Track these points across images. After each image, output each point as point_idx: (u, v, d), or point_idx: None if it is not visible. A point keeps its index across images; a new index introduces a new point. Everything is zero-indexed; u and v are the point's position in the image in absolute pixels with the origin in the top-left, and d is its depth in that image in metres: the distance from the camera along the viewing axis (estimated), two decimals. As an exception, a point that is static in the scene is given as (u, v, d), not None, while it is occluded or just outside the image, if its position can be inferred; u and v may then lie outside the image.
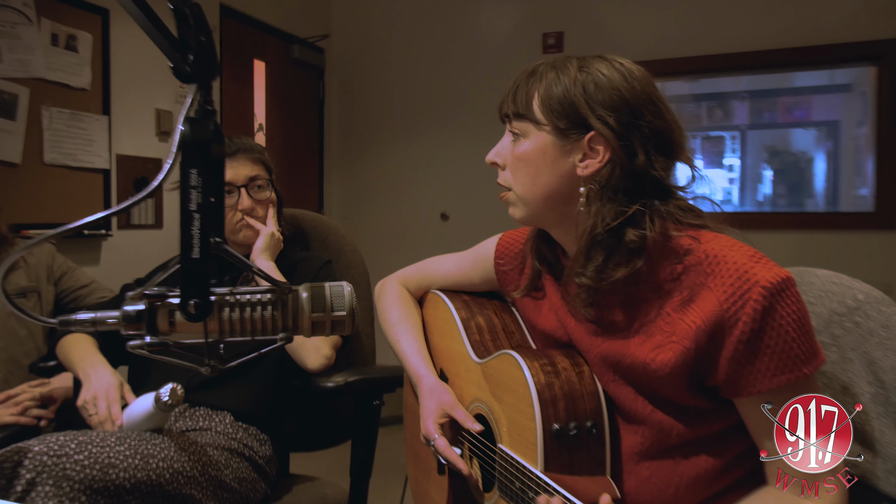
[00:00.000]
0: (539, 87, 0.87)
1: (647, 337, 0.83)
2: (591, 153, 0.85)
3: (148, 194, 0.54)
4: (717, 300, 0.77)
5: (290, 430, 1.40)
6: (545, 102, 0.86)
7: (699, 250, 0.81)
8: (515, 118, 0.90)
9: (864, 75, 3.45)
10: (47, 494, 0.94)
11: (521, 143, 0.89)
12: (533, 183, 0.89)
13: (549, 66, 0.89)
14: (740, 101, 4.01)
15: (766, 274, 0.75)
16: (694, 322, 0.78)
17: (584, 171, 0.86)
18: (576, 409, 0.84)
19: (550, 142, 0.87)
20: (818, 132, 3.98)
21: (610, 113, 0.83)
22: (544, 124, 0.87)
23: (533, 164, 0.88)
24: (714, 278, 0.78)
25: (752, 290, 0.75)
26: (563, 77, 0.86)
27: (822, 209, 3.87)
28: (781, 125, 4.06)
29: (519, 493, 0.84)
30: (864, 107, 3.49)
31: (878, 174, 3.30)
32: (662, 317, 0.82)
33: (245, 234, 1.45)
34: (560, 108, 0.85)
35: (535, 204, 0.90)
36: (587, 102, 0.84)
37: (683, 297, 0.80)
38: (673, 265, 0.82)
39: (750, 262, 0.77)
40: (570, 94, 0.85)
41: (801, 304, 0.77)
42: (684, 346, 0.79)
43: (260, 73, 3.81)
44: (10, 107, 2.44)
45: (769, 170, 4.11)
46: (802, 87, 3.86)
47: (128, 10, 0.54)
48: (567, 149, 0.86)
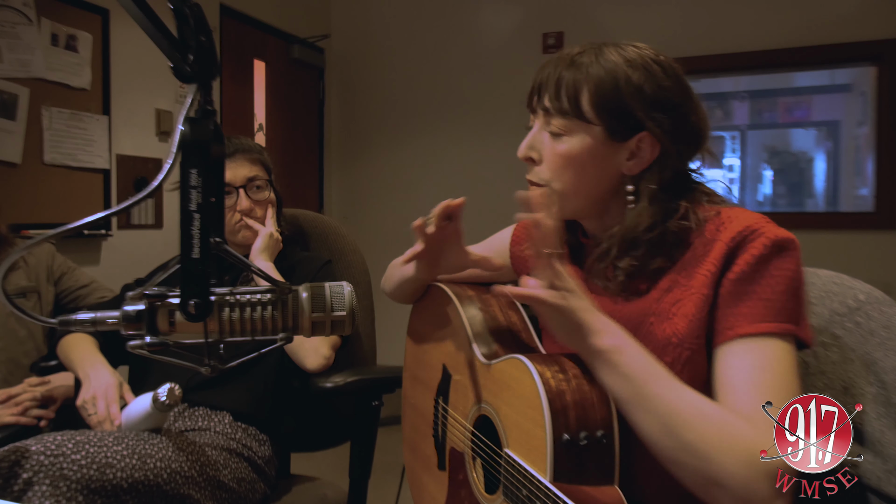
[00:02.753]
0: (586, 82, 0.84)
1: (667, 293, 0.84)
2: (637, 152, 0.85)
3: (148, 194, 0.54)
4: (726, 245, 0.79)
5: (289, 430, 1.40)
6: (596, 101, 0.84)
7: (716, 219, 0.83)
8: (560, 114, 0.86)
9: (864, 75, 3.45)
10: (44, 494, 0.94)
11: (564, 140, 0.86)
12: (577, 181, 0.87)
13: (590, 57, 0.85)
14: (740, 101, 4.01)
15: (774, 230, 0.79)
16: (709, 270, 0.80)
17: (632, 170, 0.86)
18: (586, 419, 0.83)
19: (600, 141, 0.85)
20: (818, 132, 3.98)
21: (661, 113, 0.84)
22: (595, 124, 0.84)
23: (579, 163, 0.86)
24: (726, 232, 0.80)
25: (756, 239, 0.78)
26: (609, 70, 0.84)
27: (822, 209, 3.87)
28: (781, 125, 4.06)
29: (526, 501, 0.83)
30: (864, 107, 3.49)
31: (878, 174, 3.30)
32: (681, 273, 0.83)
33: (244, 235, 1.45)
34: (613, 107, 0.84)
35: (576, 201, 0.89)
36: (641, 103, 0.83)
37: (700, 253, 0.82)
38: (693, 232, 0.84)
39: (761, 221, 0.80)
40: (623, 93, 0.83)
41: (798, 268, 0.78)
42: (702, 294, 0.80)
43: (260, 73, 3.81)
44: (10, 107, 2.44)
45: (769, 170, 4.11)
46: (802, 87, 3.87)
47: (128, 10, 0.54)
48: (615, 148, 0.86)
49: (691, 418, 0.73)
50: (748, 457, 0.70)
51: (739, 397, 0.75)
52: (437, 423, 1.16)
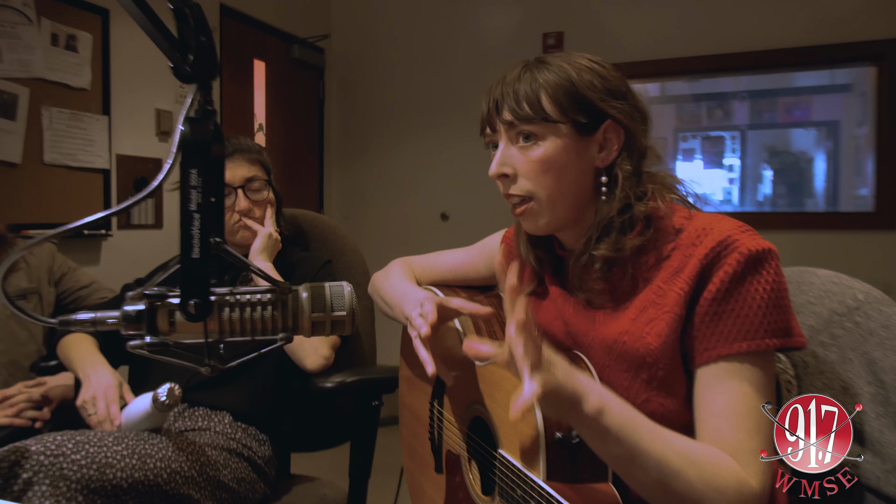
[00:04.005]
0: (542, 87, 0.86)
1: (642, 312, 0.84)
2: (605, 143, 0.88)
3: (148, 194, 0.54)
4: (699, 262, 0.79)
5: (289, 430, 1.40)
6: (557, 99, 0.85)
7: (690, 227, 0.84)
8: (525, 122, 0.86)
9: (864, 75, 3.45)
10: (44, 494, 0.94)
11: (537, 146, 0.87)
12: (559, 184, 0.88)
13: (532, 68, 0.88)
14: (740, 101, 4.01)
15: (748, 242, 0.78)
16: (682, 289, 0.80)
17: (604, 161, 0.88)
18: None
19: (570, 139, 0.86)
20: (818, 132, 3.98)
21: (616, 99, 0.87)
22: (562, 122, 0.86)
23: (557, 165, 0.87)
24: (701, 247, 0.80)
25: (730, 254, 0.78)
26: (559, 73, 0.86)
27: (822, 209, 3.87)
28: (781, 125, 4.06)
29: (521, 502, 0.83)
30: (864, 107, 3.48)
31: (878, 174, 3.30)
32: (655, 291, 0.84)
33: (243, 236, 1.45)
34: (574, 102, 0.85)
35: (562, 205, 0.89)
36: (597, 94, 0.86)
37: (674, 269, 0.82)
38: (667, 244, 0.85)
39: (736, 232, 0.79)
40: (580, 87, 0.85)
41: (778, 277, 0.78)
42: (675, 314, 0.80)
43: (260, 73, 3.81)
44: (10, 107, 2.44)
45: (769, 170, 4.11)
46: (802, 87, 3.86)
47: (128, 10, 0.54)
48: (586, 142, 0.87)
49: (680, 468, 0.73)
50: (735, 492, 0.73)
51: (720, 427, 0.77)
52: (434, 425, 1.16)
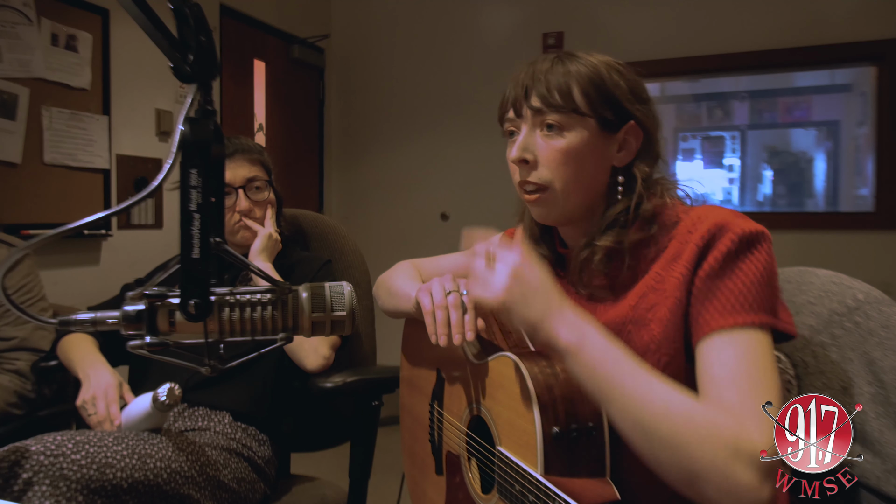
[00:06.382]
0: (575, 78, 0.86)
1: (642, 298, 0.85)
2: (625, 143, 0.89)
3: (148, 194, 0.54)
4: (696, 246, 0.81)
5: (288, 430, 1.40)
6: (587, 93, 0.86)
7: (687, 218, 0.85)
8: (554, 111, 0.86)
9: (864, 75, 3.45)
10: (44, 494, 0.94)
11: (562, 136, 0.87)
12: (577, 177, 0.88)
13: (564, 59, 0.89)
14: (740, 101, 4.01)
15: (742, 224, 0.80)
16: (681, 273, 0.81)
17: (622, 161, 0.89)
18: (575, 412, 0.84)
19: (595, 134, 0.87)
20: (818, 132, 3.98)
21: (639, 103, 0.89)
22: (590, 116, 0.87)
23: (579, 158, 0.87)
24: (697, 233, 0.82)
25: (724, 235, 0.79)
26: (591, 68, 0.87)
27: (822, 209, 3.87)
28: (781, 125, 4.06)
29: (519, 497, 0.84)
30: (864, 107, 3.49)
31: (878, 174, 3.30)
32: (654, 277, 0.85)
33: (243, 236, 1.45)
34: (603, 98, 0.86)
35: (576, 198, 0.89)
36: (625, 93, 0.87)
37: (672, 256, 0.84)
38: (665, 235, 0.86)
39: (730, 216, 0.81)
40: (609, 85, 0.87)
41: (769, 259, 0.79)
42: (675, 298, 0.81)
43: (260, 73, 3.81)
44: (10, 107, 2.44)
45: (769, 170, 4.11)
46: (802, 87, 3.86)
47: (128, 10, 0.54)
48: (608, 140, 0.88)
49: (662, 411, 0.71)
50: (728, 446, 0.69)
51: (721, 390, 0.74)
52: (433, 427, 1.17)
